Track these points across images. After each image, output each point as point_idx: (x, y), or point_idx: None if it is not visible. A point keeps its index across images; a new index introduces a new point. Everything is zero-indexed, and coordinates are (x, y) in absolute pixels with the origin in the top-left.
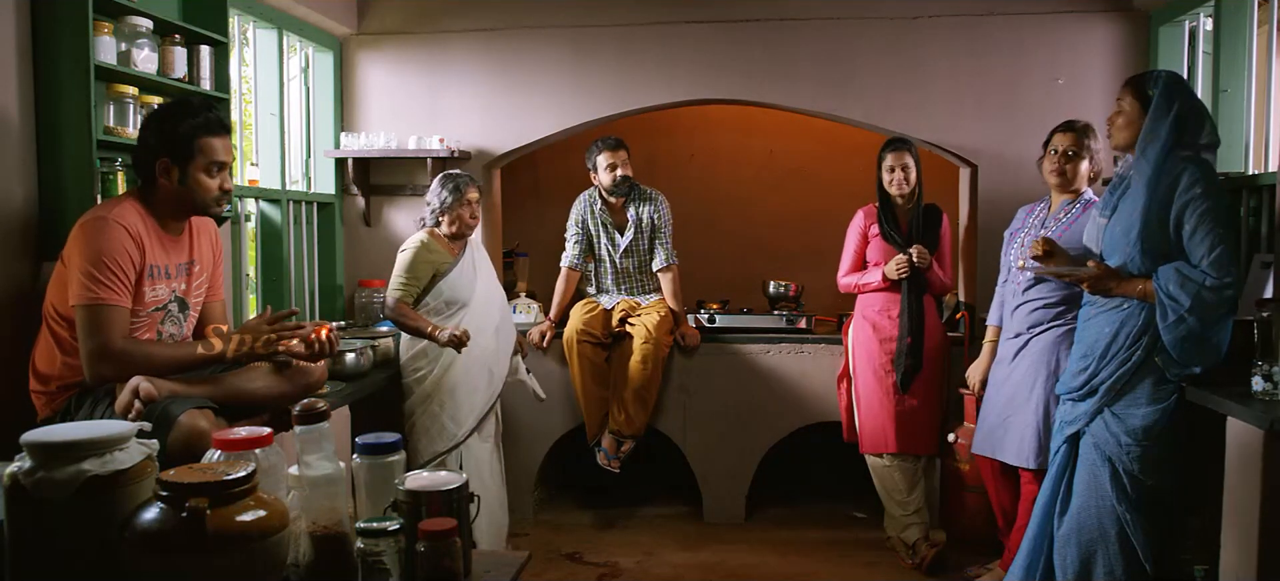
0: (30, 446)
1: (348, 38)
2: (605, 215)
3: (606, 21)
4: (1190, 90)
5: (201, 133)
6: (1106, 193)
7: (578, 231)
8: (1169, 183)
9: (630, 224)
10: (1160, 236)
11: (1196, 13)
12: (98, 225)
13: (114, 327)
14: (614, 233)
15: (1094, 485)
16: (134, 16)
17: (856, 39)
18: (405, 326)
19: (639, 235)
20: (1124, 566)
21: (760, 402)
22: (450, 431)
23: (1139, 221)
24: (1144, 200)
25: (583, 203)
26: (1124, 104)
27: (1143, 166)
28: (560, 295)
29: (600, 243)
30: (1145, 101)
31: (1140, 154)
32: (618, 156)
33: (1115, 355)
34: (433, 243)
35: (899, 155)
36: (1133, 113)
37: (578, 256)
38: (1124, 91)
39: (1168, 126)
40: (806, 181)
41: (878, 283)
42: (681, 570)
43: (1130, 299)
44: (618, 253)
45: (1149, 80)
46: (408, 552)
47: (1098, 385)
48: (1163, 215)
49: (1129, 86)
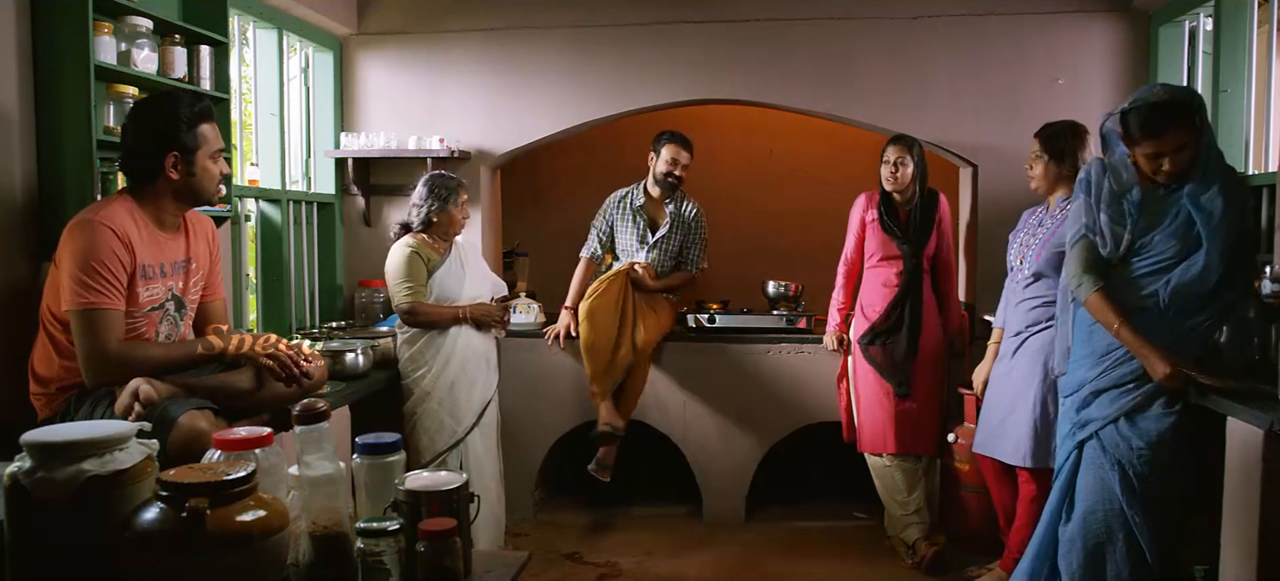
0: (30, 446)
1: (348, 38)
2: (642, 209)
3: (606, 21)
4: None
5: (202, 120)
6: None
7: (605, 224)
8: (1236, 185)
9: (668, 219)
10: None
11: (1196, 13)
12: (84, 228)
13: (109, 331)
14: (647, 229)
15: (1102, 489)
16: (134, 16)
17: (856, 39)
18: (424, 322)
19: (672, 233)
20: (1131, 568)
21: (760, 402)
22: (451, 428)
23: (1223, 237)
24: (1224, 216)
25: (617, 198)
26: (1183, 136)
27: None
28: (578, 283)
29: (626, 234)
30: (1194, 127)
31: (1205, 173)
32: (685, 154)
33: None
34: (420, 245)
35: (899, 150)
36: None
37: (599, 250)
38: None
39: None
40: (806, 181)
41: (841, 304)
42: (681, 570)
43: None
44: (646, 246)
45: (1196, 107)
46: (408, 552)
47: (1105, 392)
48: (1239, 212)
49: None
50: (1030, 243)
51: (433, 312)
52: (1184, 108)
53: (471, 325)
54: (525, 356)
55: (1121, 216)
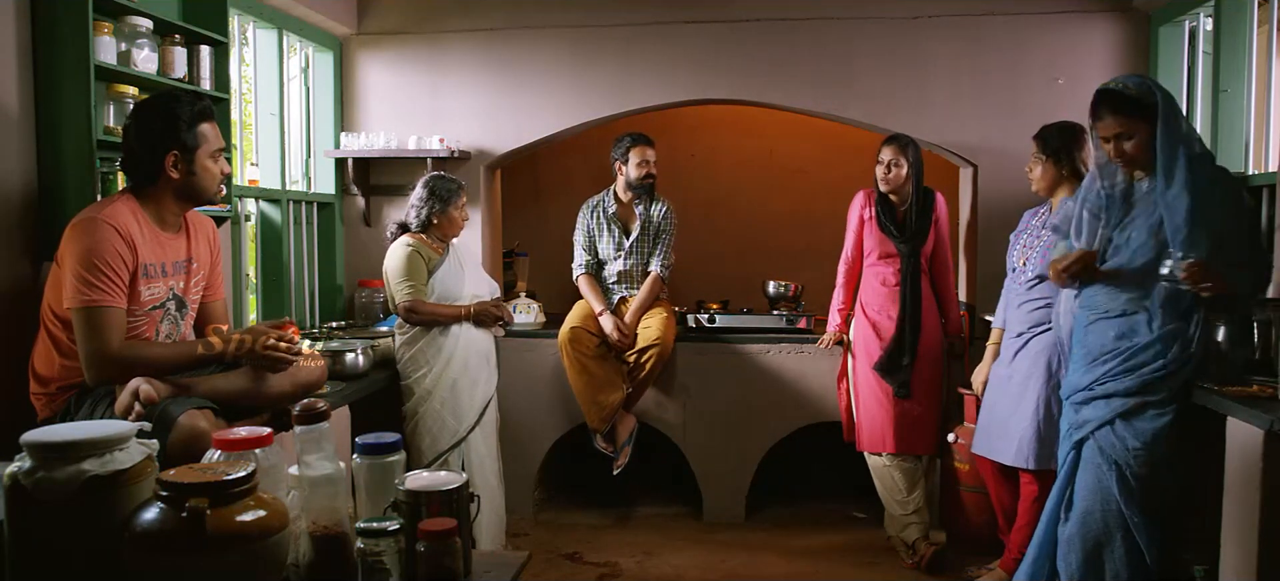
0: (30, 446)
1: (348, 38)
2: (615, 214)
3: (606, 21)
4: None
5: (202, 119)
6: (1097, 198)
7: (585, 236)
8: (1209, 186)
9: (638, 222)
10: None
11: (1196, 13)
12: (88, 226)
13: (111, 329)
14: (621, 234)
15: (1099, 489)
16: (134, 16)
17: (856, 39)
18: (425, 320)
19: (644, 235)
20: (1129, 568)
21: (760, 402)
22: (453, 427)
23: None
24: (1188, 202)
25: (589, 208)
26: (1118, 125)
27: (1177, 175)
28: (592, 292)
29: (604, 243)
30: (1147, 113)
31: (1171, 161)
32: (649, 152)
33: (1119, 364)
34: (419, 244)
35: (894, 151)
36: (1143, 131)
37: (588, 262)
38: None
39: (1184, 133)
40: (806, 181)
41: (841, 304)
42: (681, 570)
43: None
44: (623, 252)
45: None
46: (408, 552)
47: (1103, 393)
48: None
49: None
50: (1032, 244)
51: (433, 311)
52: (1119, 97)
53: (472, 323)
54: (525, 356)
55: (1100, 209)
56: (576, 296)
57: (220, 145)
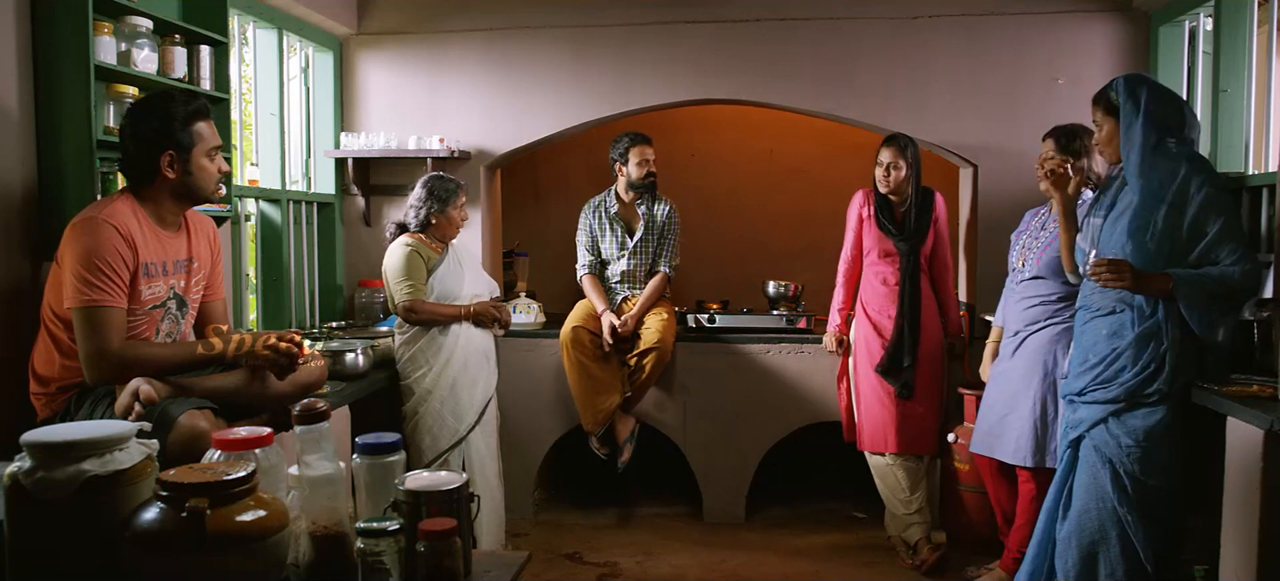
0: (30, 446)
1: (348, 38)
2: (617, 215)
3: (606, 21)
4: (1153, 83)
5: (196, 118)
6: (1095, 194)
7: (588, 236)
8: (1167, 180)
9: (642, 222)
10: (1170, 237)
11: (1196, 13)
12: (88, 226)
13: (112, 329)
14: (624, 234)
15: (1095, 487)
16: (134, 16)
17: (856, 39)
18: (424, 319)
19: (649, 234)
20: (1125, 567)
21: (760, 403)
22: (453, 427)
23: (1137, 221)
24: (1139, 199)
25: (592, 208)
26: (1097, 119)
27: (1130, 170)
28: (595, 293)
29: (608, 243)
30: (1113, 109)
31: (1125, 160)
32: (648, 151)
33: (1112, 363)
34: (418, 244)
35: (893, 152)
36: (1108, 126)
37: (592, 262)
38: (1094, 110)
39: (1140, 127)
40: (806, 181)
41: (841, 305)
42: (681, 570)
43: (1125, 307)
44: (626, 252)
45: (1110, 89)
46: (408, 552)
47: (1097, 392)
48: (1175, 217)
49: (1096, 104)
50: (1032, 245)
51: (433, 310)
52: (1099, 94)
53: (472, 323)
54: (525, 356)
55: (1098, 210)
56: (577, 296)
57: (216, 143)
